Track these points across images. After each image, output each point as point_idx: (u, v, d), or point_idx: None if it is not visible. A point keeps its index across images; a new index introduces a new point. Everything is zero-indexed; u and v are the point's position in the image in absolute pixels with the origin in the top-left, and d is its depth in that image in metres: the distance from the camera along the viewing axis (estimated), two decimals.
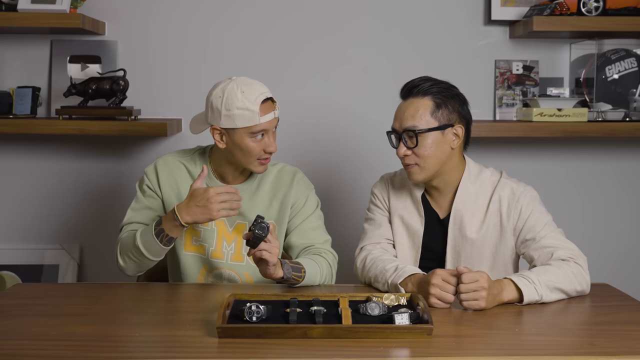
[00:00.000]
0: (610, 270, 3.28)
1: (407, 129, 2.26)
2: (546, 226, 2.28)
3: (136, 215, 2.39)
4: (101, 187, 3.29)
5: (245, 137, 2.27)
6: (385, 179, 2.48)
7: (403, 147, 2.27)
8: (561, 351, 1.77)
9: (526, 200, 2.29)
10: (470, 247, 2.31)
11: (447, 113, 2.27)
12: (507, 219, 2.30)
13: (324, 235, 2.43)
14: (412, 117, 2.26)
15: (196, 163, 2.42)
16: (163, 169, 2.40)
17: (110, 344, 1.79)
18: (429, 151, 2.25)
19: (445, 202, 2.36)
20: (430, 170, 2.28)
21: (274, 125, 2.31)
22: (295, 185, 2.42)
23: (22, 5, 2.97)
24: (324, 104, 3.26)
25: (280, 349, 1.75)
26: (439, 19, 3.25)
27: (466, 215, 2.31)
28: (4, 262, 3.26)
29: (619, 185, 3.36)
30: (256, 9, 3.23)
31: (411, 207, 2.39)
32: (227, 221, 2.39)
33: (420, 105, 2.27)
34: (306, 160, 3.22)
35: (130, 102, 3.16)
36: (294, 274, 2.20)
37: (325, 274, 2.33)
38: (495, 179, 2.35)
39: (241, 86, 2.25)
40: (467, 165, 2.35)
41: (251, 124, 2.25)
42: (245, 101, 2.23)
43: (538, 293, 2.09)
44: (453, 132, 2.28)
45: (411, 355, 1.74)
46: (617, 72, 3.16)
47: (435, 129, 2.26)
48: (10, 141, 3.27)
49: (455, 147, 2.29)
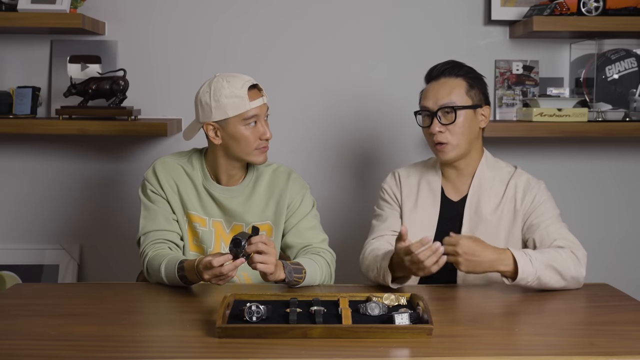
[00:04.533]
0: (609, 269, 3.28)
1: (444, 105, 2.34)
2: (553, 217, 2.35)
3: (150, 223, 2.38)
4: (101, 187, 3.29)
5: (238, 125, 2.29)
6: (395, 174, 2.51)
7: (437, 124, 2.34)
8: (561, 351, 1.77)
9: (541, 190, 2.39)
10: (485, 227, 2.35)
11: (478, 94, 2.40)
12: (521, 205, 2.37)
13: (320, 235, 2.43)
14: (448, 95, 2.35)
15: (193, 165, 2.42)
16: (162, 171, 2.41)
17: (110, 344, 1.79)
18: (462, 129, 2.35)
19: (462, 184, 2.42)
20: (461, 148, 2.36)
21: (264, 111, 2.33)
22: (291, 185, 2.42)
23: (22, 5, 2.97)
24: (324, 104, 3.26)
25: (280, 349, 1.75)
26: (439, 19, 3.25)
27: (483, 197, 2.38)
28: (4, 262, 3.26)
29: (619, 185, 3.36)
30: (256, 8, 3.23)
31: (425, 196, 2.43)
32: (224, 223, 2.40)
33: (456, 84, 2.37)
34: (305, 159, 3.23)
35: (130, 102, 3.16)
36: (295, 276, 2.20)
37: (325, 273, 2.33)
38: (511, 170, 2.44)
39: (226, 77, 2.31)
40: (485, 153, 2.45)
41: (241, 110, 2.28)
42: (232, 88, 2.27)
43: (533, 265, 2.13)
44: (482, 112, 2.40)
45: (411, 355, 1.74)
46: (617, 72, 3.16)
47: (470, 107, 2.36)
48: (10, 141, 3.27)
49: (482, 127, 2.40)
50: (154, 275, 2.29)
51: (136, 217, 3.35)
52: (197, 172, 2.41)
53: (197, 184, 2.40)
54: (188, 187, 2.40)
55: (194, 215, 2.39)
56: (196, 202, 2.40)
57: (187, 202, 2.39)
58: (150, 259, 2.31)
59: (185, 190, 2.39)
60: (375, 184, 2.94)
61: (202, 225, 2.39)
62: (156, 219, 2.38)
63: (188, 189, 2.40)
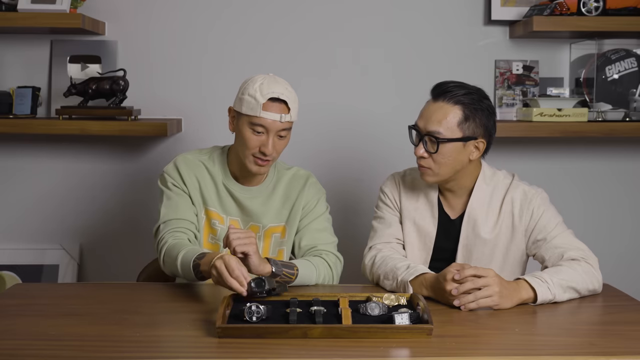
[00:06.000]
0: (610, 270, 3.27)
1: (430, 132, 2.24)
2: (557, 227, 2.29)
3: (170, 211, 2.35)
4: (101, 187, 3.29)
5: (246, 125, 2.30)
6: (396, 178, 2.47)
7: (422, 149, 2.27)
8: (561, 351, 1.77)
9: (537, 201, 2.31)
10: (482, 246, 2.32)
11: (473, 126, 2.25)
12: (519, 220, 2.31)
13: (329, 237, 2.43)
14: (438, 122, 2.24)
15: (214, 162, 2.42)
16: (184, 167, 2.40)
17: (110, 344, 1.79)
18: (446, 159, 2.25)
19: (458, 203, 2.37)
20: (442, 176, 2.28)
21: (277, 128, 2.29)
22: (308, 189, 2.44)
23: (22, 5, 2.97)
24: (323, 105, 3.26)
25: (280, 349, 1.75)
26: (439, 19, 3.25)
27: (480, 216, 2.32)
28: (4, 262, 3.26)
29: (619, 185, 3.36)
30: (256, 8, 3.23)
31: (424, 208, 2.39)
32: (241, 222, 2.41)
33: (449, 113, 2.23)
34: (304, 161, 3.22)
35: (130, 102, 3.16)
36: (285, 270, 2.20)
37: (324, 275, 2.33)
38: (507, 182, 2.36)
39: (266, 80, 2.30)
40: (482, 169, 2.36)
41: (252, 113, 2.27)
42: (257, 91, 2.27)
43: (551, 292, 2.09)
44: (474, 145, 2.27)
45: (411, 355, 1.74)
46: (617, 72, 3.16)
47: (458, 140, 2.24)
48: (10, 141, 3.27)
49: (473, 159, 2.29)
50: (169, 264, 2.25)
51: (137, 217, 3.36)
52: (218, 170, 2.42)
53: (218, 182, 2.40)
54: (209, 183, 2.40)
55: (213, 212, 2.40)
56: (215, 200, 2.40)
57: (208, 198, 2.39)
58: (170, 246, 2.27)
59: (206, 187, 2.40)
60: (375, 184, 2.94)
61: (221, 222, 2.40)
62: (178, 208, 2.36)
63: (209, 186, 2.40)
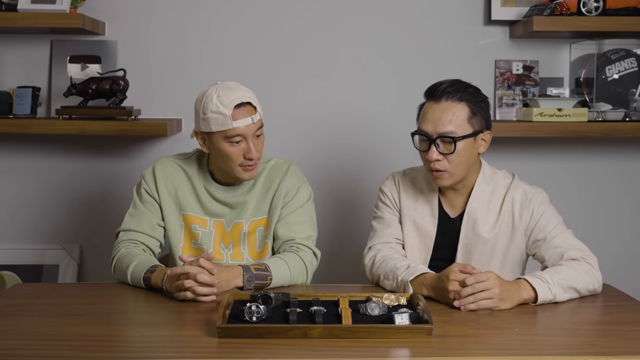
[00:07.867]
0: (610, 270, 3.27)
1: (443, 134, 2.23)
2: (557, 227, 2.30)
3: (134, 222, 2.38)
4: (101, 187, 3.29)
5: (221, 141, 2.26)
6: (395, 177, 2.46)
7: (435, 152, 2.25)
8: (561, 351, 1.77)
9: (538, 201, 2.31)
10: (482, 246, 2.32)
11: (480, 119, 2.27)
12: (520, 220, 2.31)
13: (307, 231, 2.40)
14: (449, 122, 2.23)
15: (195, 166, 2.42)
16: (161, 173, 2.40)
17: (110, 344, 1.80)
18: (461, 157, 2.25)
19: (459, 202, 2.37)
20: (459, 175, 2.28)
21: (252, 130, 2.27)
22: (288, 177, 2.41)
23: (22, 5, 2.97)
24: (323, 104, 3.26)
25: (280, 349, 1.76)
26: (439, 19, 3.25)
27: (480, 215, 2.32)
28: (4, 262, 3.26)
29: (619, 185, 3.36)
30: (255, 8, 3.23)
31: (423, 207, 2.39)
32: (225, 222, 2.39)
33: (457, 111, 2.24)
34: (304, 160, 3.22)
35: (130, 102, 3.16)
36: (257, 282, 2.20)
37: (298, 272, 2.31)
38: (508, 181, 2.36)
39: (220, 90, 2.25)
40: (482, 167, 2.37)
41: (224, 128, 2.24)
42: (219, 105, 2.22)
43: (552, 292, 2.09)
44: (482, 137, 2.29)
45: (411, 355, 1.74)
46: (617, 72, 3.16)
47: (470, 135, 2.25)
48: (10, 141, 3.27)
49: (481, 152, 2.31)
50: (119, 272, 2.29)
51: None
52: (198, 173, 2.40)
53: (198, 186, 2.39)
54: (187, 188, 2.39)
55: (193, 216, 2.39)
56: (195, 204, 2.39)
57: (185, 204, 2.39)
58: (120, 257, 2.31)
59: (183, 193, 2.39)
60: (374, 182, 2.94)
61: (202, 226, 2.39)
62: (141, 222, 2.38)
63: (186, 191, 2.39)
